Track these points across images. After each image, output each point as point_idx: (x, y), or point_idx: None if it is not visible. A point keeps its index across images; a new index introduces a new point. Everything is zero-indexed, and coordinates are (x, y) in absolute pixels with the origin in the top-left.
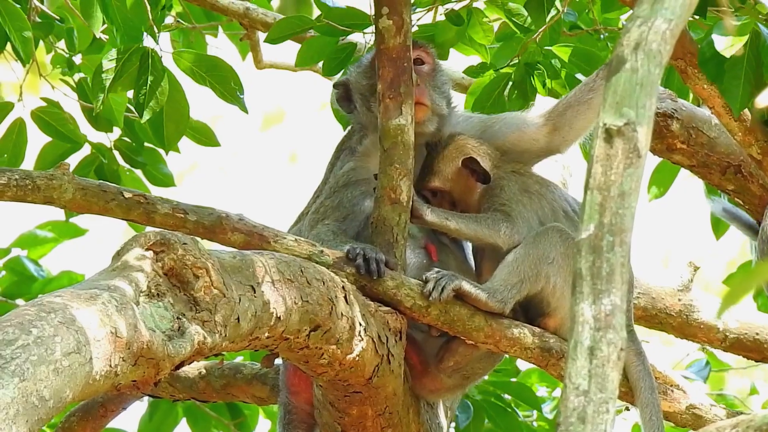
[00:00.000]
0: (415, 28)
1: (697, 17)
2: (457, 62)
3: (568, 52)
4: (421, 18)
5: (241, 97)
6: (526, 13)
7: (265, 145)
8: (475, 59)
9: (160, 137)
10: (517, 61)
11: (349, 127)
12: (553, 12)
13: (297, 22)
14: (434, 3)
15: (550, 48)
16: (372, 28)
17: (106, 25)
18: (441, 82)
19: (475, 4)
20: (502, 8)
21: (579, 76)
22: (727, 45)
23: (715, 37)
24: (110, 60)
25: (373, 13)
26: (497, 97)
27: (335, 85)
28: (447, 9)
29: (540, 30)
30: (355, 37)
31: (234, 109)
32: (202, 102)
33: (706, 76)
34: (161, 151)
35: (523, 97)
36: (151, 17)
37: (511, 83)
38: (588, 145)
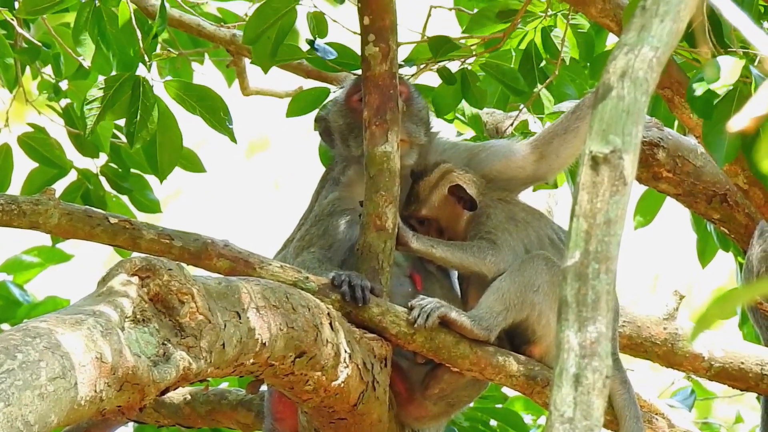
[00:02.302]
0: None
1: (686, 49)
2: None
3: (556, 116)
4: (413, 75)
5: (230, 127)
6: (519, 76)
7: (250, 171)
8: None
9: (154, 166)
10: (511, 129)
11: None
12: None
13: (287, 50)
14: (428, 61)
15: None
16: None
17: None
18: (417, 109)
19: (468, 65)
20: (495, 71)
21: None
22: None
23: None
24: (99, 88)
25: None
26: None
27: (317, 120)
28: (440, 66)
29: (532, 96)
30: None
31: (219, 136)
32: (187, 128)
33: (695, 112)
34: (147, 177)
35: None
36: (142, 46)
37: None
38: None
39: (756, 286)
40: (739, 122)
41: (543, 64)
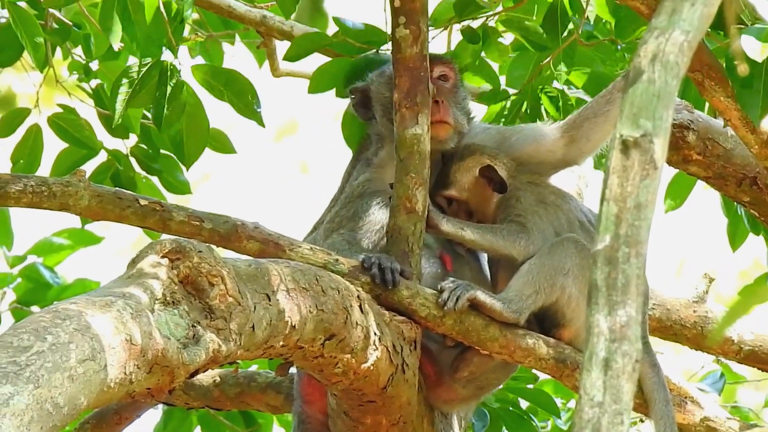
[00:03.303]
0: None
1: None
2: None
3: (584, 78)
4: (436, 37)
5: (258, 111)
6: (542, 31)
7: (279, 154)
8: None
9: (181, 153)
10: (530, 85)
11: (365, 137)
12: (570, 26)
13: (315, 39)
14: (450, 21)
15: (563, 71)
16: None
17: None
18: (461, 97)
19: (490, 23)
20: (517, 27)
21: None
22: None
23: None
24: (128, 73)
25: (389, 25)
26: (510, 122)
27: (352, 90)
28: (463, 26)
29: (555, 51)
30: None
31: (247, 119)
32: (216, 111)
33: (732, 83)
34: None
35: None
36: (169, 30)
37: (524, 110)
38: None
39: None
40: None
41: (570, 26)
